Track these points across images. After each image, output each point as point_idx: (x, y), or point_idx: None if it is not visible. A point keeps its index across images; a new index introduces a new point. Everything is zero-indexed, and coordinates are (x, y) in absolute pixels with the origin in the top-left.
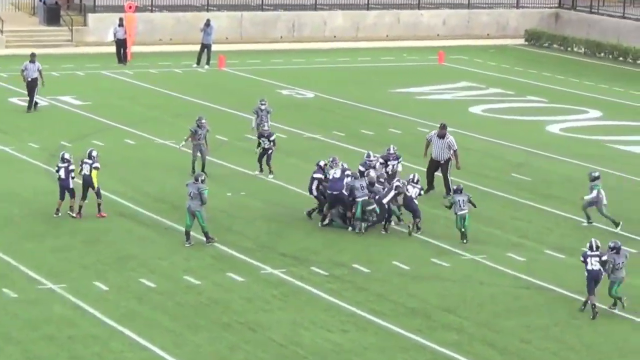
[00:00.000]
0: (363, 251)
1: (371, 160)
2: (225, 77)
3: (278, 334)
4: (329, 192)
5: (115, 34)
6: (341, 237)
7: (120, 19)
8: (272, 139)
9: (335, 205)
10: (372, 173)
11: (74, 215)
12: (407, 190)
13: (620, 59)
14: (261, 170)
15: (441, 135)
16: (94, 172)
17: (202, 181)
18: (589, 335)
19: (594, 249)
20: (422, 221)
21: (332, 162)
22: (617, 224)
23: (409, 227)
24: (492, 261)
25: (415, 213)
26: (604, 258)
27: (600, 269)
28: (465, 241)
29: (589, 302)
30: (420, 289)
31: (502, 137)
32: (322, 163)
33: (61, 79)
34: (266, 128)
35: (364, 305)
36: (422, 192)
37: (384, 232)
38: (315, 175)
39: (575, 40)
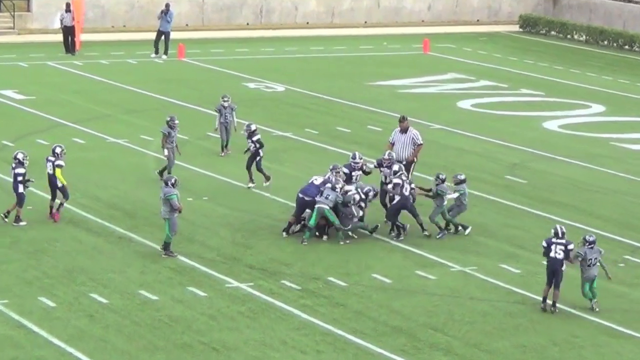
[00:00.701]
0: (339, 263)
1: (357, 162)
2: (185, 69)
3: (245, 356)
4: (300, 195)
5: (62, 21)
6: (315, 248)
7: (68, 4)
8: (255, 139)
9: (302, 212)
10: (352, 191)
11: (21, 223)
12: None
13: (626, 47)
14: (252, 180)
15: (404, 129)
16: (58, 170)
17: (173, 185)
18: (592, 357)
19: (560, 235)
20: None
21: (332, 169)
22: (466, 228)
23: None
24: (484, 273)
25: (411, 214)
26: (570, 247)
27: (563, 260)
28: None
29: (547, 299)
30: (404, 305)
31: (494, 134)
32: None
33: (2, 71)
34: (253, 128)
35: (341, 323)
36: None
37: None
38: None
39: (576, 27)
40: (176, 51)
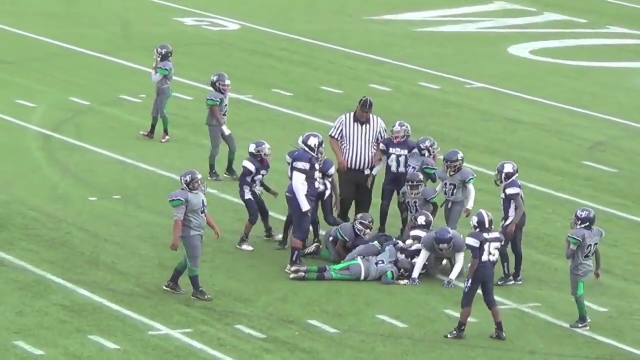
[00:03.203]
0: (326, 297)
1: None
2: None
3: None
4: (288, 194)
5: None
6: (287, 274)
7: None
8: (331, 173)
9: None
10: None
11: None
12: None
13: None
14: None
15: (362, 120)
16: None
17: (188, 184)
18: None
19: (488, 225)
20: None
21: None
22: None
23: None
24: (550, 313)
25: None
26: (503, 241)
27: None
28: None
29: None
30: None
31: (565, 98)
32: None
33: None
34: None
35: None
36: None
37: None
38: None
39: None
40: None
